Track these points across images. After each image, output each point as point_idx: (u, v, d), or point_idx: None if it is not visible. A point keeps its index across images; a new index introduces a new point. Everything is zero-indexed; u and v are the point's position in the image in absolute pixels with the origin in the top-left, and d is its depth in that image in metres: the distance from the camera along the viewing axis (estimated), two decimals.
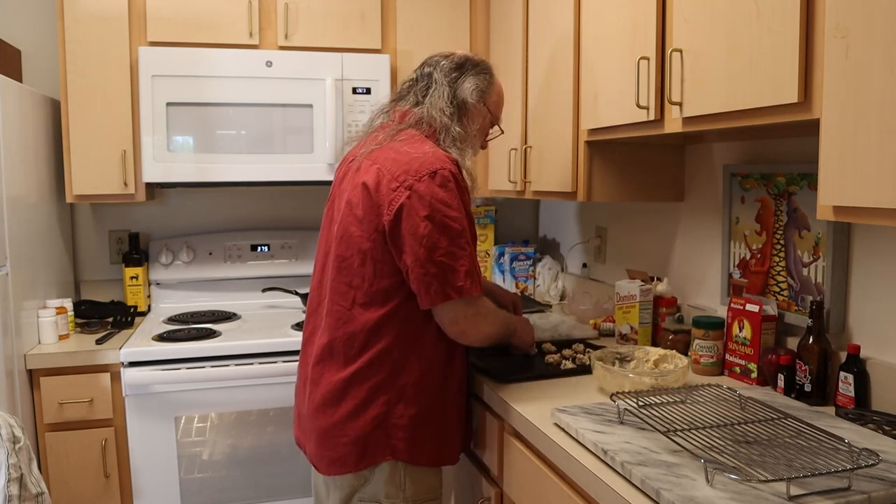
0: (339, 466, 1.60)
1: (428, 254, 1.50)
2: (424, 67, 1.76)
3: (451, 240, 1.52)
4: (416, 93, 1.72)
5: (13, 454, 1.62)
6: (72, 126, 2.43)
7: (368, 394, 1.58)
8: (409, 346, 1.60)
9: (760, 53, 1.30)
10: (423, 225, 1.50)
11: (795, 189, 1.74)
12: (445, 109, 1.68)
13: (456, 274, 1.52)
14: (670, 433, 1.28)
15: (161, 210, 2.91)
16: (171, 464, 2.30)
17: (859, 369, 1.51)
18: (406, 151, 1.59)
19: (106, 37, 2.44)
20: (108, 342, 2.35)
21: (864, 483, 1.12)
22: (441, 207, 1.52)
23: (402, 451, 1.59)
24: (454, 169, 1.57)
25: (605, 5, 1.84)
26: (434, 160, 1.56)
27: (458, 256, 1.52)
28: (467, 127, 1.71)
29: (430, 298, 1.53)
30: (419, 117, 1.68)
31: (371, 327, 1.58)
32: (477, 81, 1.73)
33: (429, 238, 1.50)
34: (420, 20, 2.70)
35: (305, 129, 2.54)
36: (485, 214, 2.99)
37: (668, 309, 2.09)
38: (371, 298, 1.58)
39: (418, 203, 1.51)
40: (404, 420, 1.59)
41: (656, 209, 2.34)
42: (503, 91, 1.84)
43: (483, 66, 1.77)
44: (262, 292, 2.90)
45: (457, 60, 1.74)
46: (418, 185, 1.52)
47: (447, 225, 1.52)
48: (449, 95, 1.69)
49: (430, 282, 1.52)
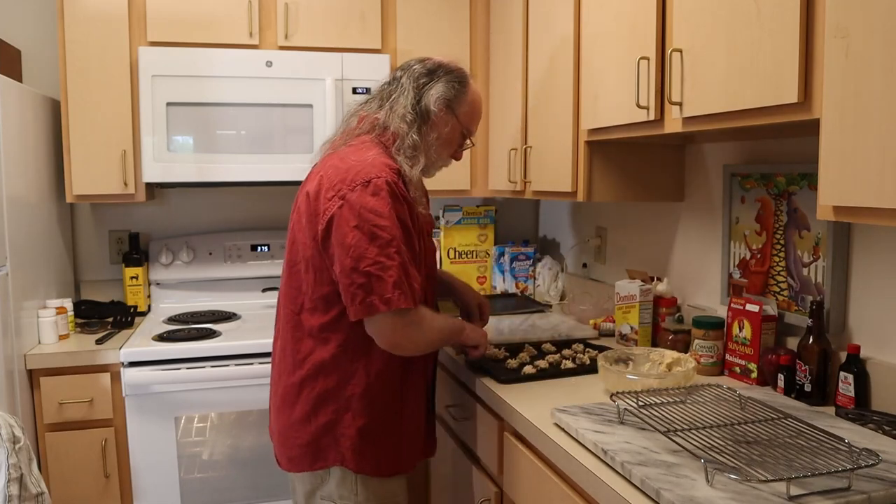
0: (296, 465, 1.63)
1: (354, 263, 1.46)
2: (398, 71, 1.71)
3: (379, 249, 1.46)
4: (383, 97, 1.69)
5: (13, 454, 1.62)
6: (72, 126, 2.43)
7: (317, 401, 1.58)
8: (355, 356, 1.57)
9: (760, 53, 1.30)
10: (351, 234, 1.47)
11: (795, 189, 1.74)
12: (407, 116, 1.62)
13: (384, 285, 1.46)
14: (670, 433, 1.28)
15: (161, 210, 2.91)
16: (171, 464, 2.30)
17: (859, 369, 1.51)
18: (348, 159, 1.56)
19: (106, 37, 2.44)
20: (108, 342, 2.35)
21: (864, 483, 1.12)
22: (370, 216, 1.47)
23: (350, 461, 1.58)
24: (392, 178, 1.51)
25: (605, 5, 1.84)
26: (370, 168, 1.51)
27: (387, 267, 1.46)
28: (427, 135, 1.64)
29: (355, 310, 1.48)
30: (376, 122, 1.64)
31: (316, 334, 1.58)
32: (444, 89, 1.65)
33: (356, 248, 1.46)
34: (420, 20, 2.70)
35: (305, 129, 2.54)
36: (485, 214, 2.99)
37: (668, 309, 2.09)
38: (315, 305, 1.58)
39: (349, 212, 1.47)
40: (352, 430, 1.57)
41: (656, 209, 2.34)
42: (480, 101, 1.74)
43: (456, 74, 1.69)
44: (262, 292, 2.89)
45: (429, 66, 1.68)
46: (350, 195, 1.48)
47: (375, 234, 1.46)
48: (412, 102, 1.63)
49: (356, 292, 1.47)
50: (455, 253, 2.98)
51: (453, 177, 2.67)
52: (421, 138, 1.63)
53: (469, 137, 1.76)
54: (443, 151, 1.71)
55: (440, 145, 1.69)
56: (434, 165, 1.72)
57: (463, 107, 1.69)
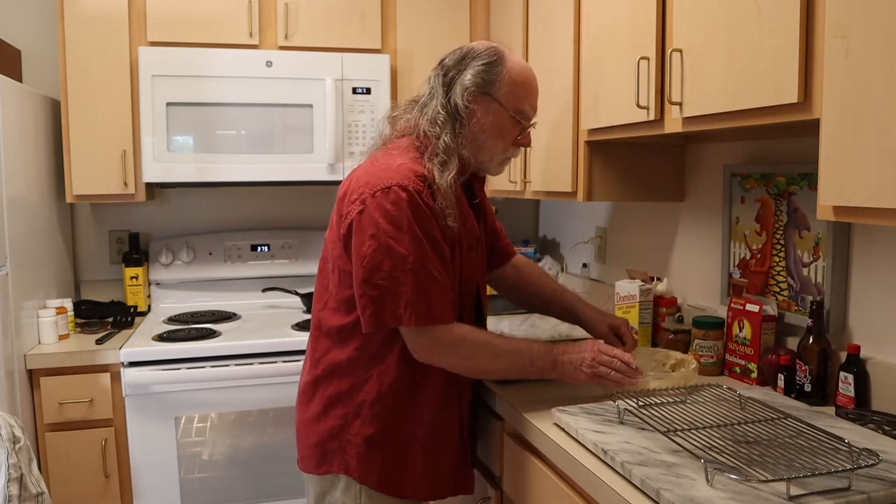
0: (305, 465, 1.61)
1: (368, 275, 1.41)
2: (431, 71, 1.60)
3: (394, 263, 1.40)
4: (416, 100, 1.61)
5: (13, 454, 1.62)
6: (72, 126, 2.43)
7: (328, 403, 1.55)
8: (370, 363, 1.52)
9: (760, 53, 1.30)
10: (367, 244, 1.42)
11: (795, 189, 1.74)
12: (437, 118, 1.52)
13: (397, 300, 1.40)
14: (670, 433, 1.28)
15: (161, 210, 2.91)
16: (171, 464, 2.30)
17: (859, 369, 1.51)
18: (378, 163, 1.51)
19: (106, 37, 2.44)
20: (108, 342, 2.35)
21: (864, 483, 1.11)
22: (387, 227, 1.40)
23: (354, 470, 1.53)
24: (416, 186, 1.43)
25: (605, 5, 1.84)
26: (394, 174, 1.44)
27: (401, 283, 1.40)
28: (462, 134, 1.52)
29: (365, 321, 1.44)
30: (409, 127, 1.57)
31: (334, 335, 1.55)
32: (472, 78, 1.51)
33: (371, 259, 1.41)
34: (420, 20, 2.70)
35: (305, 129, 2.54)
36: None
37: (668, 309, 2.09)
38: (338, 305, 1.54)
39: (366, 220, 1.43)
40: (358, 439, 1.52)
41: (656, 209, 2.34)
42: (525, 75, 1.55)
43: (486, 54, 1.53)
44: (262, 292, 2.89)
45: (457, 56, 1.55)
46: (370, 201, 1.43)
47: (391, 247, 1.40)
48: (442, 101, 1.52)
49: (367, 305, 1.42)
50: None
51: None
52: (454, 139, 1.51)
53: (522, 119, 1.57)
54: (496, 143, 1.56)
55: (489, 137, 1.55)
56: (491, 161, 1.59)
57: (502, 88, 1.52)
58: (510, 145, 1.59)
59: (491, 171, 1.63)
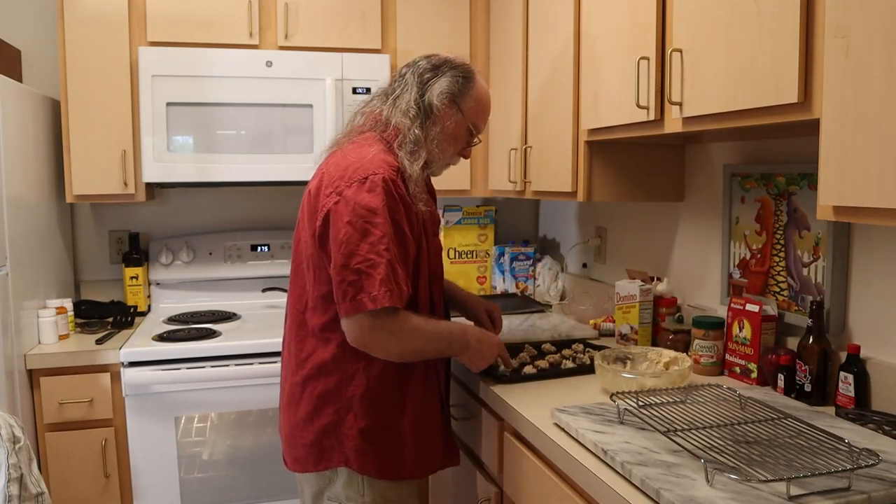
0: (301, 465, 1.63)
1: (345, 260, 1.45)
2: (403, 68, 1.70)
3: (371, 246, 1.45)
4: (388, 94, 1.68)
5: (13, 454, 1.62)
6: (72, 126, 2.43)
7: (319, 402, 1.58)
8: (354, 357, 1.56)
9: (760, 53, 1.30)
10: (343, 230, 1.46)
11: (795, 189, 1.74)
12: (409, 111, 1.60)
13: (372, 281, 1.44)
14: (670, 433, 1.28)
15: (161, 210, 2.91)
16: (171, 464, 2.30)
17: (859, 369, 1.51)
18: (349, 156, 1.56)
19: (106, 37, 2.44)
20: (108, 342, 2.35)
21: (864, 483, 1.12)
22: (363, 213, 1.46)
23: (354, 462, 1.57)
24: (390, 175, 1.51)
25: (605, 5, 1.84)
26: (369, 165, 1.51)
27: (377, 264, 1.45)
28: (430, 130, 1.62)
29: (345, 307, 1.47)
30: (379, 118, 1.64)
31: (318, 334, 1.58)
32: (448, 84, 1.63)
33: (347, 244, 1.45)
34: (420, 20, 2.70)
35: (305, 129, 2.54)
36: (485, 214, 2.99)
37: (668, 309, 2.09)
38: (316, 304, 1.58)
39: (343, 208, 1.47)
40: (353, 432, 1.56)
41: (656, 209, 2.34)
42: (487, 97, 1.72)
43: (462, 69, 1.67)
44: (262, 292, 2.89)
45: (434, 62, 1.67)
46: (347, 191, 1.48)
47: (367, 230, 1.46)
48: (416, 97, 1.62)
49: (347, 290, 1.46)
50: (455, 253, 2.98)
51: (453, 177, 2.66)
52: (423, 133, 1.61)
53: (476, 134, 1.72)
54: (448, 148, 1.68)
55: (445, 141, 1.66)
56: (439, 162, 1.69)
57: (468, 102, 1.67)
58: (456, 153, 1.73)
59: (434, 172, 1.72)
